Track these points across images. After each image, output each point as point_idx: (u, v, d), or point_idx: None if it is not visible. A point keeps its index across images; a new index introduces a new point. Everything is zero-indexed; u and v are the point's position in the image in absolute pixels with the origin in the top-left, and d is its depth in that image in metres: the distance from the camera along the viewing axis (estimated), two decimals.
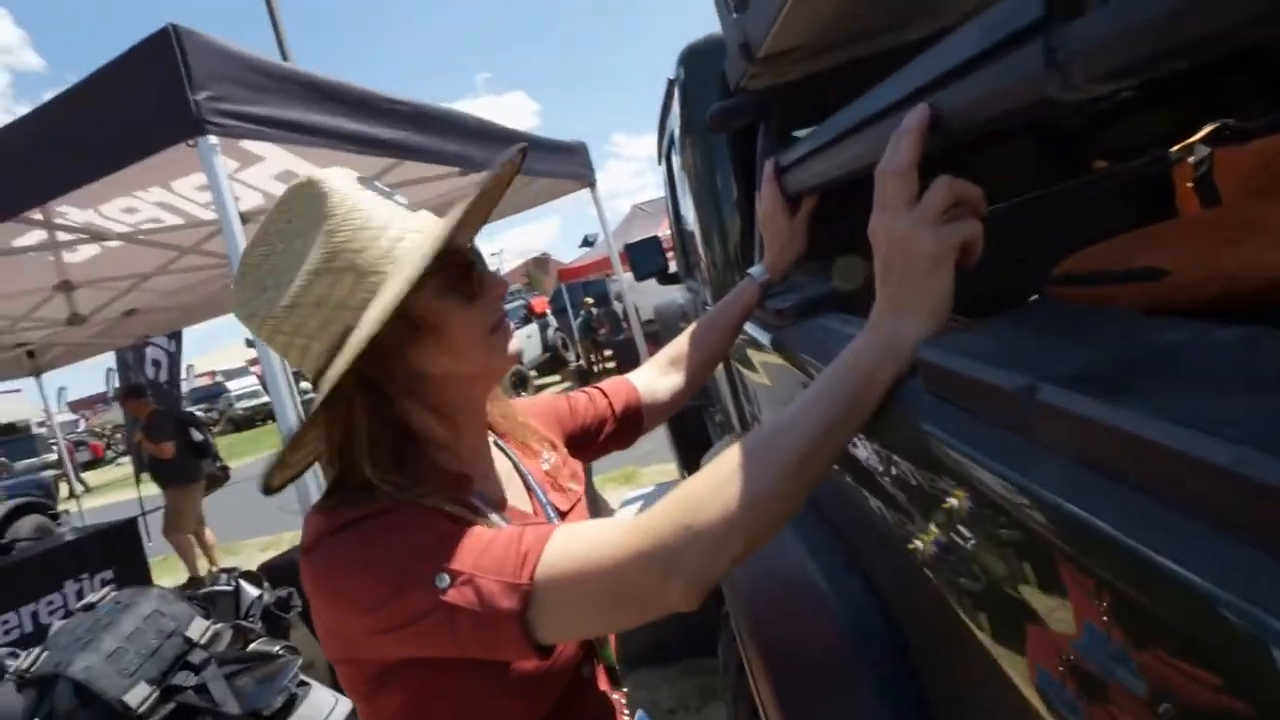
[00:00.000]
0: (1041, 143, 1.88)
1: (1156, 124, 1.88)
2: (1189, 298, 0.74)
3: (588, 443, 1.02)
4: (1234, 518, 0.28)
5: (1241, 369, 0.36)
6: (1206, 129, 1.62)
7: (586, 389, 1.07)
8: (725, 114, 1.36)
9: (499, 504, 0.79)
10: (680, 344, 1.10)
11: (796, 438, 0.59)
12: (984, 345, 0.51)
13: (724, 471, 0.59)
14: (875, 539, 0.76)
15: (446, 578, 0.61)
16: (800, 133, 1.67)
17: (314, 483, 2.16)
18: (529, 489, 0.85)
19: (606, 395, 1.05)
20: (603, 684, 0.84)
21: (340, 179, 0.70)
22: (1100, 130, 1.93)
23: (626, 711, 0.87)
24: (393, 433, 0.71)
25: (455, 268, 0.73)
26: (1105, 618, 0.35)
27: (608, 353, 13.18)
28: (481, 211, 0.79)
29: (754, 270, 1.12)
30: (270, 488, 0.74)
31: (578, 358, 13.37)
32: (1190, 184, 1.62)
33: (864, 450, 0.69)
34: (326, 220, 0.67)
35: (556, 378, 13.09)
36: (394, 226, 0.70)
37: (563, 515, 0.86)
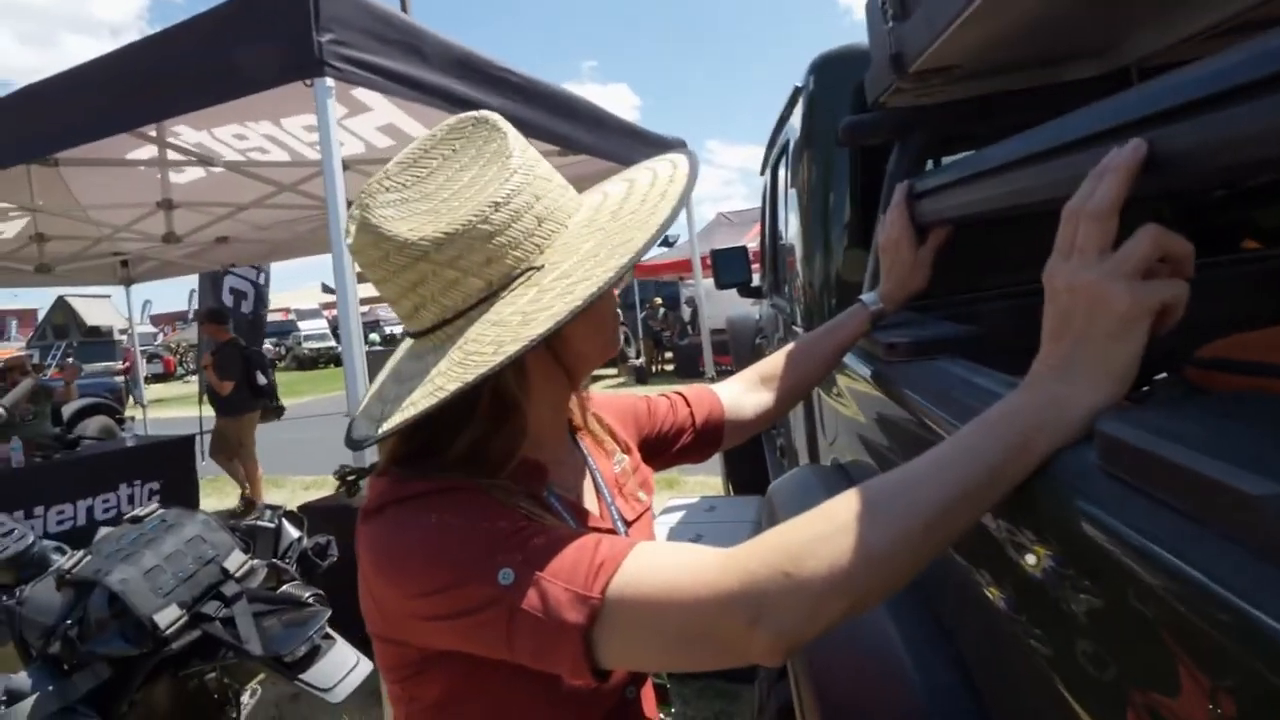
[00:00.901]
0: (1189, 214, 1.74)
1: None
2: None
3: (662, 450, 0.96)
4: None
5: None
6: None
7: (668, 394, 1.01)
8: (860, 128, 1.28)
9: (567, 500, 0.74)
10: (775, 362, 1.03)
11: (928, 497, 0.51)
12: (1184, 429, 0.43)
13: (836, 519, 0.52)
14: (980, 620, 0.68)
15: (512, 574, 0.56)
16: (944, 160, 1.57)
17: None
18: (597, 489, 0.80)
19: (689, 404, 0.98)
20: (648, 704, 0.79)
21: (507, 121, 0.68)
22: (1254, 208, 1.78)
23: None
24: (501, 410, 0.66)
25: None
26: None
27: (668, 355, 13.12)
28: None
29: (866, 297, 1.04)
30: (360, 444, 0.68)
31: (638, 354, 13.36)
32: None
33: (989, 518, 0.61)
34: (507, 158, 0.65)
35: (613, 371, 13.09)
36: (561, 182, 0.70)
37: (628, 524, 0.80)
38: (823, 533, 0.52)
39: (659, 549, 0.58)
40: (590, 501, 0.78)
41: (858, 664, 0.80)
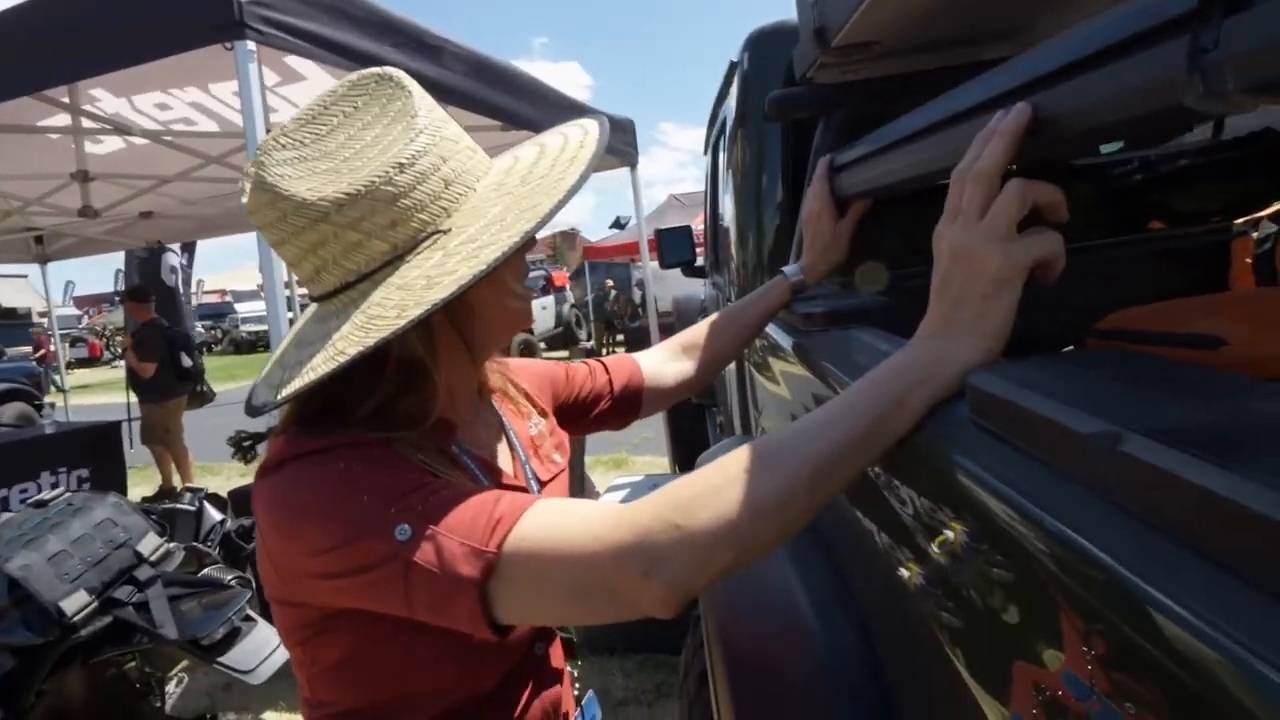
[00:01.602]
0: (1101, 195, 1.80)
1: (1223, 194, 1.81)
2: (1244, 372, 0.68)
3: (579, 416, 0.96)
4: None
5: None
6: (1277, 206, 1.55)
7: (588, 361, 1.02)
8: (786, 102, 1.29)
9: (479, 458, 0.73)
10: (697, 332, 1.04)
11: (813, 449, 0.52)
12: (1047, 382, 0.44)
13: (727, 473, 0.53)
14: (873, 571, 0.70)
15: (408, 529, 0.56)
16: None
17: None
18: (511, 449, 0.80)
19: (608, 371, 0.99)
20: (556, 658, 0.80)
21: (413, 80, 0.67)
22: (1163, 192, 1.86)
23: (576, 687, 0.83)
24: (409, 374, 0.65)
25: None
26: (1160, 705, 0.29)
27: (619, 337, 13.13)
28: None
29: (789, 269, 1.06)
30: (257, 410, 0.66)
31: (589, 337, 13.33)
32: (1249, 259, 1.55)
33: (878, 473, 0.63)
34: (412, 117, 0.64)
35: (565, 353, 13.03)
36: (470, 144, 0.68)
37: (542, 485, 0.80)
38: (713, 485, 0.53)
39: (557, 505, 0.58)
40: (504, 460, 0.77)
41: (764, 625, 0.82)
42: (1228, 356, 0.94)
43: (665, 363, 1.02)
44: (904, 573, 0.60)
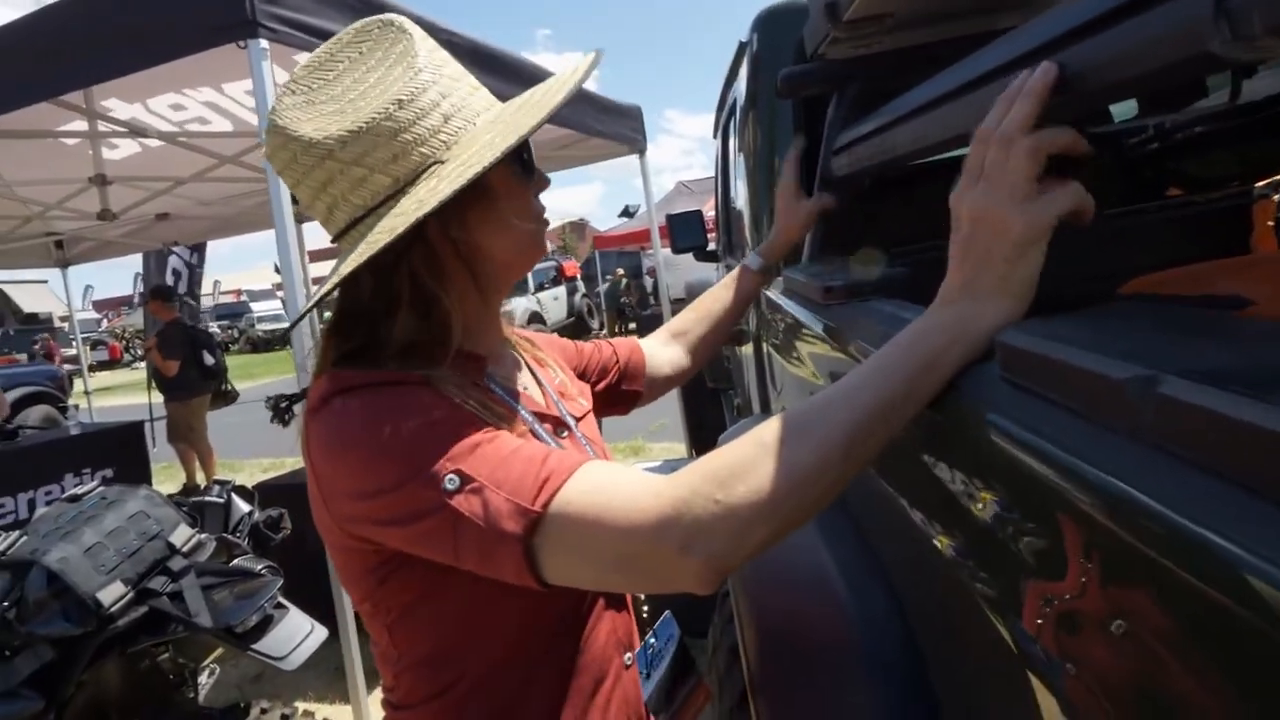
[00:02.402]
0: (1121, 163, 1.78)
1: (1242, 158, 1.78)
2: None
3: (590, 388, 0.99)
4: None
5: None
6: None
7: (597, 340, 1.05)
8: (798, 79, 1.28)
9: (511, 390, 0.76)
10: (684, 319, 1.10)
11: (847, 416, 0.52)
12: (1075, 334, 0.45)
13: (763, 443, 0.53)
14: (905, 540, 0.70)
15: (457, 480, 0.57)
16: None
17: None
18: (541, 387, 0.82)
19: (615, 351, 1.03)
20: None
21: (416, 25, 0.69)
22: (1182, 158, 1.84)
23: (644, 612, 0.85)
24: (428, 298, 0.67)
25: (520, 148, 0.71)
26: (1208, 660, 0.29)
27: (632, 325, 13.15)
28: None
29: (749, 260, 1.11)
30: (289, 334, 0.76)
31: (601, 326, 13.35)
32: (1271, 222, 1.53)
33: (900, 437, 0.63)
34: (413, 58, 0.66)
35: None
36: (472, 83, 0.71)
37: (577, 420, 0.83)
38: (749, 457, 0.53)
39: (604, 470, 0.59)
40: (535, 394, 0.80)
41: (795, 598, 0.82)
42: (1255, 314, 0.93)
43: (660, 348, 1.07)
44: (937, 540, 0.60)
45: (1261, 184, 1.58)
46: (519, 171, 0.72)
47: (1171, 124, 1.88)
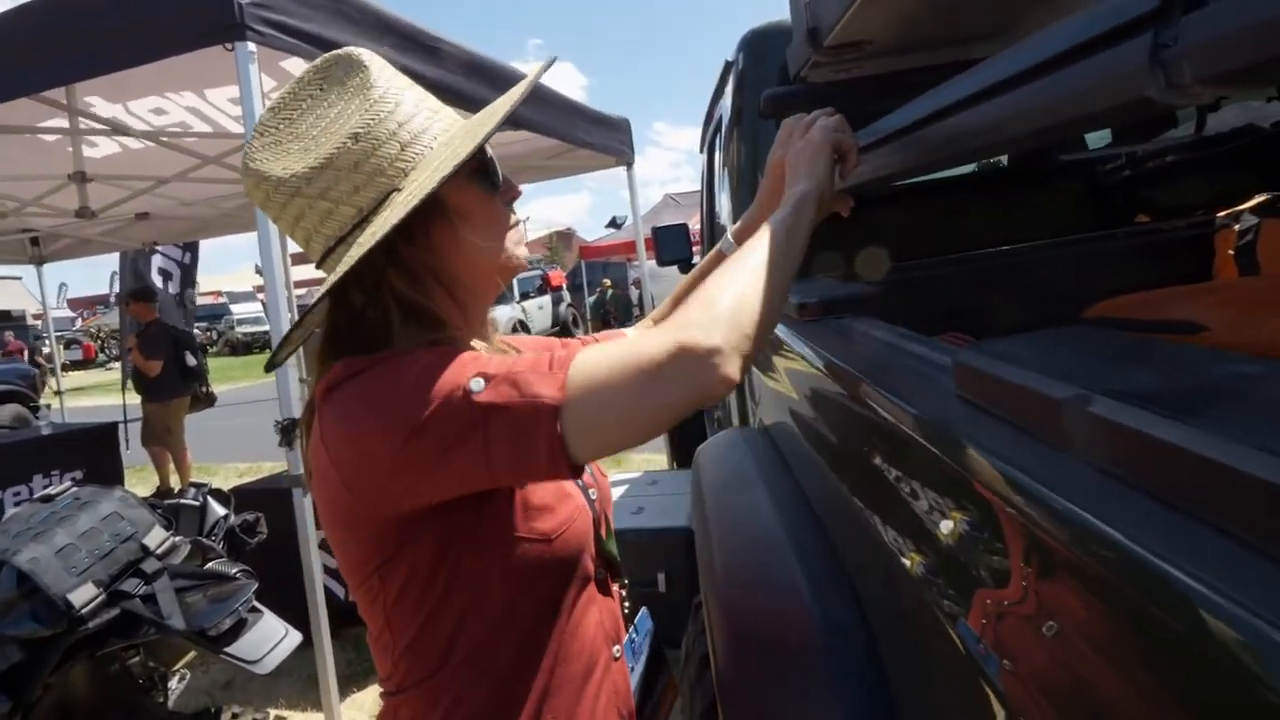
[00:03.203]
0: (1092, 191, 1.84)
1: (1207, 188, 1.85)
2: None
3: None
4: None
5: None
6: (1257, 199, 1.58)
7: (582, 337, 1.07)
8: (780, 100, 1.32)
9: None
10: (666, 307, 1.10)
11: (764, 261, 0.67)
12: (1023, 356, 0.47)
13: (713, 288, 0.64)
14: (866, 545, 0.73)
15: (482, 381, 0.60)
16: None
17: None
18: None
19: (598, 341, 1.04)
20: (611, 578, 0.83)
21: (376, 56, 0.73)
22: (1150, 187, 1.90)
23: (626, 606, 0.87)
24: (419, 311, 0.71)
25: (481, 163, 0.74)
26: (1136, 651, 0.32)
27: None
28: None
29: (724, 245, 1.14)
30: (275, 363, 0.78)
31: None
32: (1232, 251, 1.58)
33: (866, 450, 0.66)
34: (369, 89, 0.69)
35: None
36: (433, 106, 0.74)
37: None
38: (714, 287, 0.64)
39: (597, 347, 0.65)
40: None
41: (763, 605, 0.84)
42: (1209, 340, 0.97)
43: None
44: (896, 547, 0.63)
45: (1223, 214, 1.63)
46: (482, 185, 0.74)
47: (1142, 154, 1.94)
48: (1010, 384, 0.43)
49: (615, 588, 0.84)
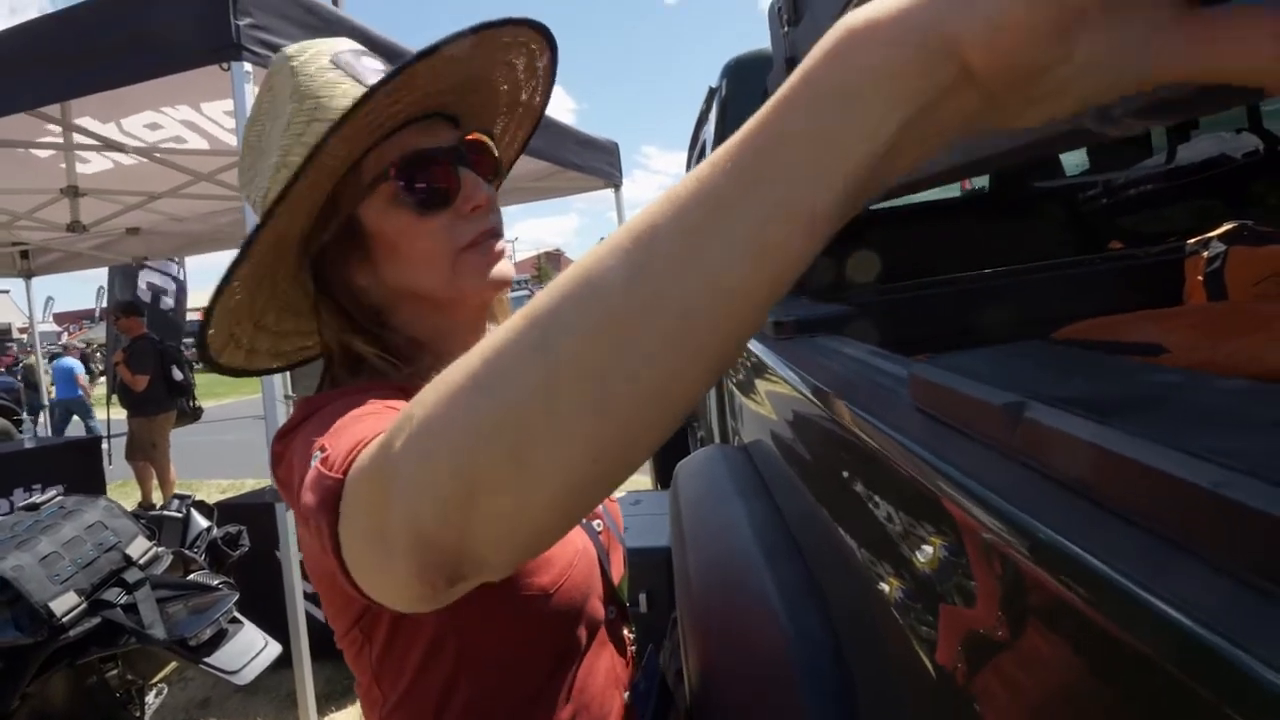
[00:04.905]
0: (1069, 218, 1.89)
1: (1179, 216, 1.90)
2: None
3: None
4: (1206, 539, 0.27)
5: (1235, 410, 0.35)
6: (1225, 226, 1.63)
7: None
8: None
9: None
10: None
11: (615, 272, 0.28)
12: (974, 369, 0.50)
13: (499, 337, 0.31)
14: (834, 557, 0.75)
15: (318, 454, 0.44)
16: None
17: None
18: None
19: None
20: (621, 622, 0.77)
21: (311, 58, 0.63)
22: (1125, 214, 1.95)
23: (633, 648, 0.81)
24: (367, 311, 0.65)
25: (419, 172, 0.60)
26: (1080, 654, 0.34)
27: None
28: (423, 82, 0.60)
29: None
30: (221, 366, 0.68)
31: None
32: (1201, 277, 1.63)
33: (833, 463, 0.68)
34: (299, 92, 0.61)
35: None
36: (348, 93, 0.61)
37: None
38: (465, 360, 0.32)
39: None
40: None
41: (735, 616, 0.86)
42: (1169, 361, 1.01)
43: None
44: (861, 556, 0.65)
45: (1192, 241, 1.68)
46: (408, 200, 0.61)
47: (1117, 182, 2.00)
48: (957, 393, 0.45)
49: (625, 630, 0.78)
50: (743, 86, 1.77)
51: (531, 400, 0.28)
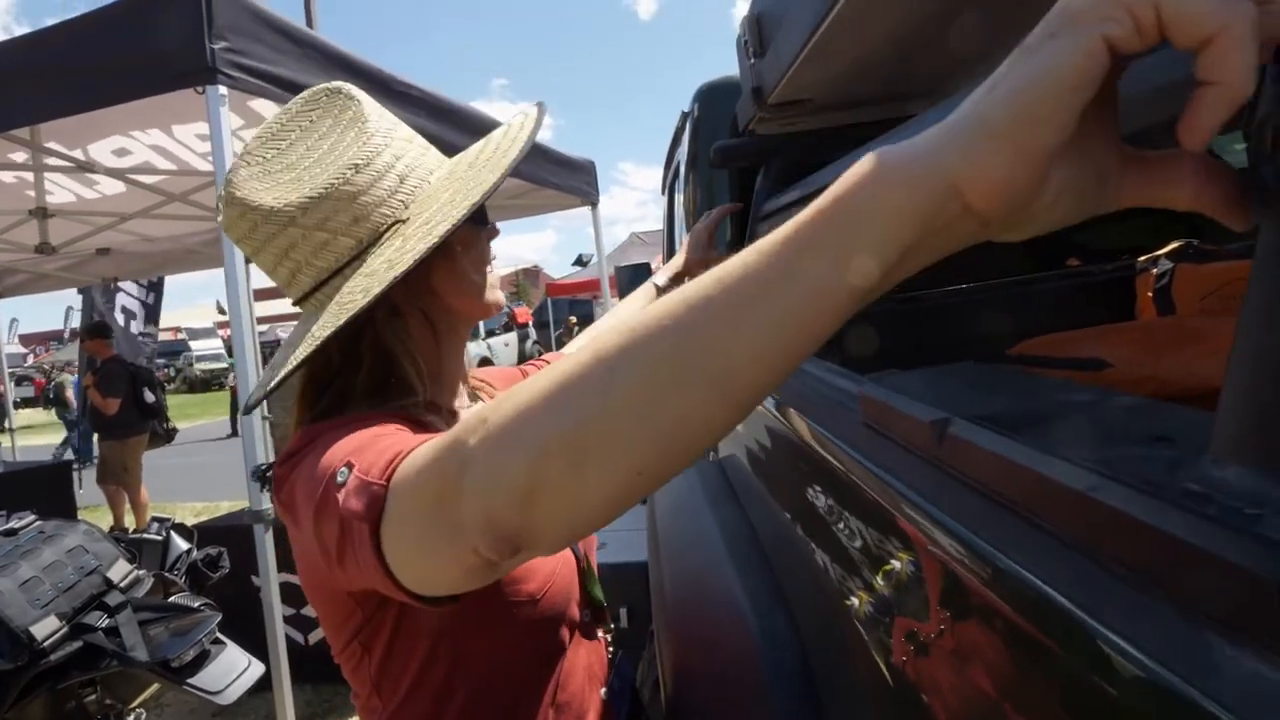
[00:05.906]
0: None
1: (1134, 232, 1.98)
2: (1126, 391, 0.80)
3: None
4: (1083, 536, 0.31)
5: (1123, 424, 0.40)
6: (1173, 245, 1.71)
7: (546, 356, 1.08)
8: (729, 152, 1.41)
9: None
10: (604, 323, 1.14)
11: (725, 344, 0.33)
12: (916, 389, 0.55)
13: (577, 361, 0.37)
14: (799, 566, 0.79)
15: (345, 471, 0.49)
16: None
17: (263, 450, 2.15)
18: None
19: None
20: (597, 623, 0.82)
21: (362, 91, 0.72)
22: (1082, 231, 2.03)
23: (610, 651, 0.86)
24: (390, 356, 0.69)
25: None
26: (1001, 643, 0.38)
27: None
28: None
29: (658, 278, 1.23)
30: (251, 407, 0.74)
31: None
32: (1151, 293, 1.71)
33: (794, 475, 0.72)
34: (364, 123, 0.68)
35: None
36: (422, 143, 0.74)
37: None
38: (536, 383, 0.38)
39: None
40: None
41: (708, 621, 0.90)
42: (1113, 376, 1.07)
43: None
44: (823, 564, 0.69)
45: (1143, 259, 1.76)
46: (474, 225, 0.73)
47: None
48: (897, 411, 0.50)
49: (600, 632, 0.83)
50: (713, 110, 1.83)
51: (591, 427, 0.36)
